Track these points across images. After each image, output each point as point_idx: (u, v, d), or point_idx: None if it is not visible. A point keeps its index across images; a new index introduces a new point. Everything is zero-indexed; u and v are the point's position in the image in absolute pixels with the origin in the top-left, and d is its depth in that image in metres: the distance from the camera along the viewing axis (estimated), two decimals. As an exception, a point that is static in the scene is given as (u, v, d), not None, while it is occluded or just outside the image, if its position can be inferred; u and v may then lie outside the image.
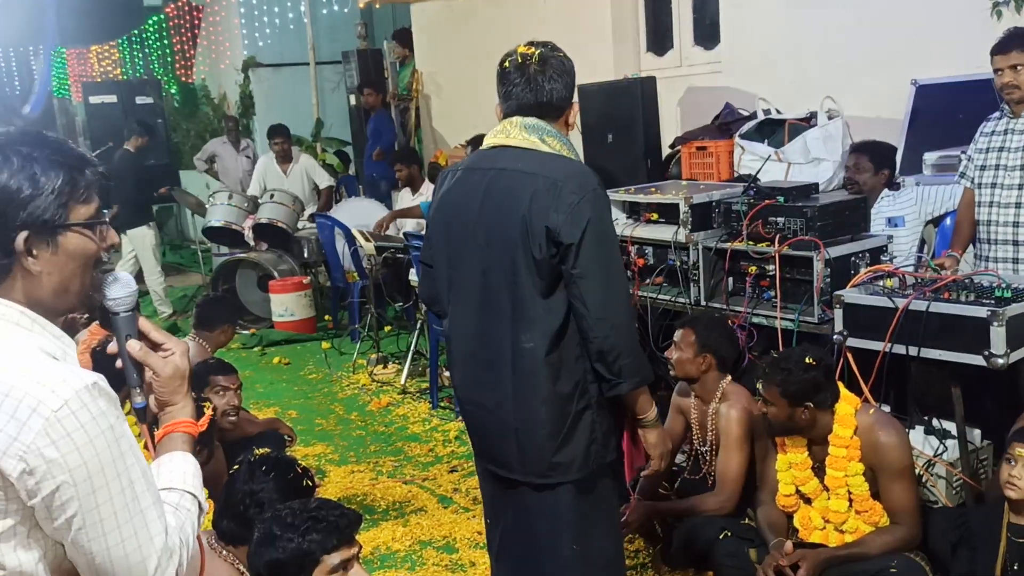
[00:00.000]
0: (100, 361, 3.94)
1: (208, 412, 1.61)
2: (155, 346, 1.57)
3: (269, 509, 2.33)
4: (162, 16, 14.50)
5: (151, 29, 15.12)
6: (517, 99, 2.41)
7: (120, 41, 16.67)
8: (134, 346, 1.55)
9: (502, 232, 2.37)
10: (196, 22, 13.96)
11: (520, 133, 2.40)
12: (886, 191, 4.31)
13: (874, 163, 4.30)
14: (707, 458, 3.47)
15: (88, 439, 1.33)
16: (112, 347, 1.55)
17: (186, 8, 13.90)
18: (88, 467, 1.33)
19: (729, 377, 3.45)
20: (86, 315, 5.83)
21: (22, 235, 1.40)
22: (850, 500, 3.02)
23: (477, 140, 6.77)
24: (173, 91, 14.98)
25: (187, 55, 14.20)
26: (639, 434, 2.47)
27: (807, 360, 2.97)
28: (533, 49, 2.41)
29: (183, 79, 14.48)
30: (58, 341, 1.46)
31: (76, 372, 1.38)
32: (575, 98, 2.47)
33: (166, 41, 14.67)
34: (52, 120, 22.16)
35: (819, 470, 3.09)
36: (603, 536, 2.51)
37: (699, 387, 3.46)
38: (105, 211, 1.53)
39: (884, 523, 3.00)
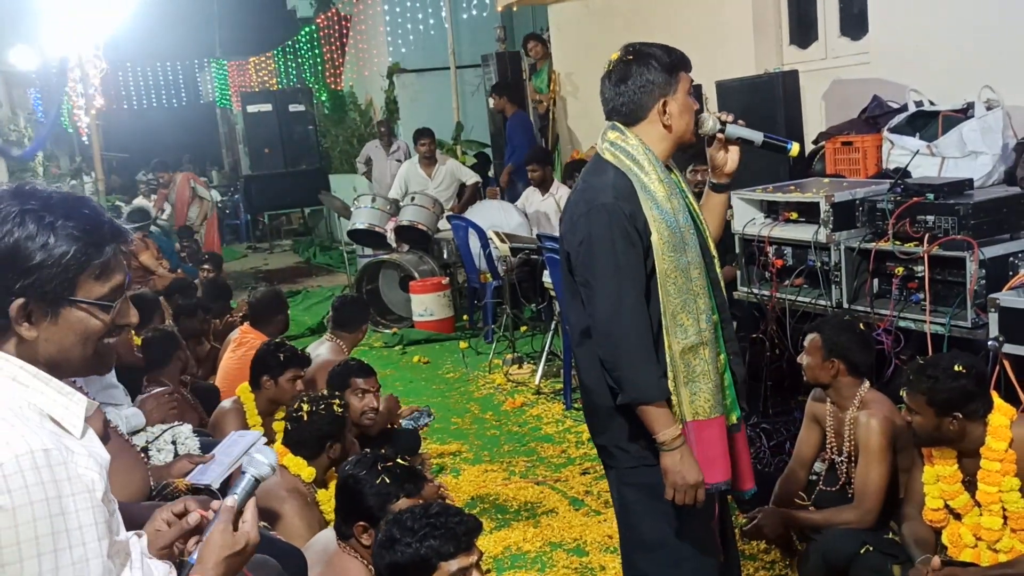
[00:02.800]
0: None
1: None
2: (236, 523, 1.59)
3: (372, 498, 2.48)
4: (314, 27, 15.10)
5: (303, 39, 15.78)
6: (603, 107, 2.54)
7: (275, 52, 17.48)
8: (228, 501, 1.59)
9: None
10: (345, 31, 14.46)
11: (600, 139, 2.54)
12: None
13: None
14: (843, 468, 3.31)
15: (12, 507, 1.28)
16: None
17: (335, 18, 14.43)
18: (2, 536, 1.27)
19: (867, 384, 3.27)
20: (241, 315, 6.14)
21: (18, 302, 1.38)
22: (1004, 517, 2.82)
23: None
24: (323, 98, 15.58)
25: (336, 63, 14.74)
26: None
27: (956, 367, 2.78)
28: (618, 54, 2.49)
29: (332, 86, 15.04)
30: (63, 398, 1.43)
31: (27, 437, 1.32)
32: (668, 91, 2.43)
33: (317, 51, 15.27)
34: (215, 129, 23.52)
35: (970, 484, 2.89)
36: (660, 529, 2.50)
37: (833, 393, 3.30)
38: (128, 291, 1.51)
39: (1043, 544, 2.78)
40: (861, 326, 3.40)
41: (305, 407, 3.39)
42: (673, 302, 2.38)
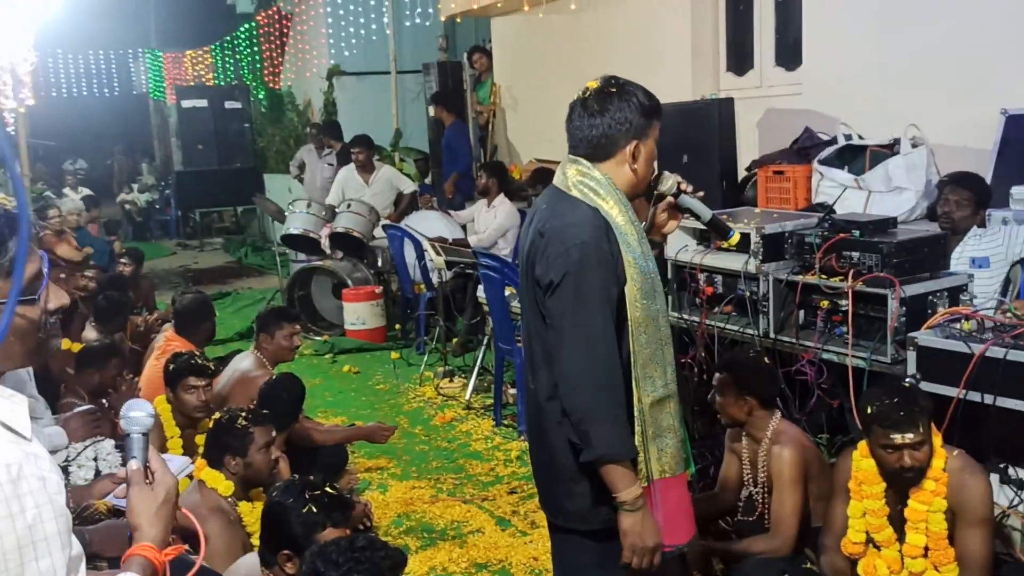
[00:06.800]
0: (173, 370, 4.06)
1: (177, 547, 1.64)
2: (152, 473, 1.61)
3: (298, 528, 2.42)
4: (253, 23, 14.88)
5: (242, 36, 15.54)
6: (568, 136, 2.39)
7: (213, 46, 17.18)
8: (131, 465, 1.59)
9: (522, 273, 2.42)
10: (285, 30, 14.30)
11: (559, 173, 2.39)
12: (975, 229, 4.14)
13: (977, 201, 4.13)
14: (759, 498, 3.39)
15: None
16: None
17: (276, 16, 14.25)
18: None
19: (779, 414, 3.37)
20: (161, 322, 6.02)
21: None
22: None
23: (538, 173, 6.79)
24: (260, 97, 15.36)
25: (275, 62, 14.55)
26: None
27: (907, 385, 2.86)
28: (597, 84, 2.35)
29: (270, 85, 14.84)
30: (7, 401, 1.40)
31: None
32: (643, 135, 2.34)
33: (256, 48, 15.05)
34: (147, 121, 22.99)
35: (892, 518, 2.97)
36: None
37: (748, 427, 3.38)
38: (45, 271, 1.45)
39: (951, 570, 2.87)
40: (765, 359, 3.49)
41: (216, 415, 3.41)
42: (644, 352, 2.27)
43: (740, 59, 6.60)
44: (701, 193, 2.56)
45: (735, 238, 2.58)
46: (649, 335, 2.28)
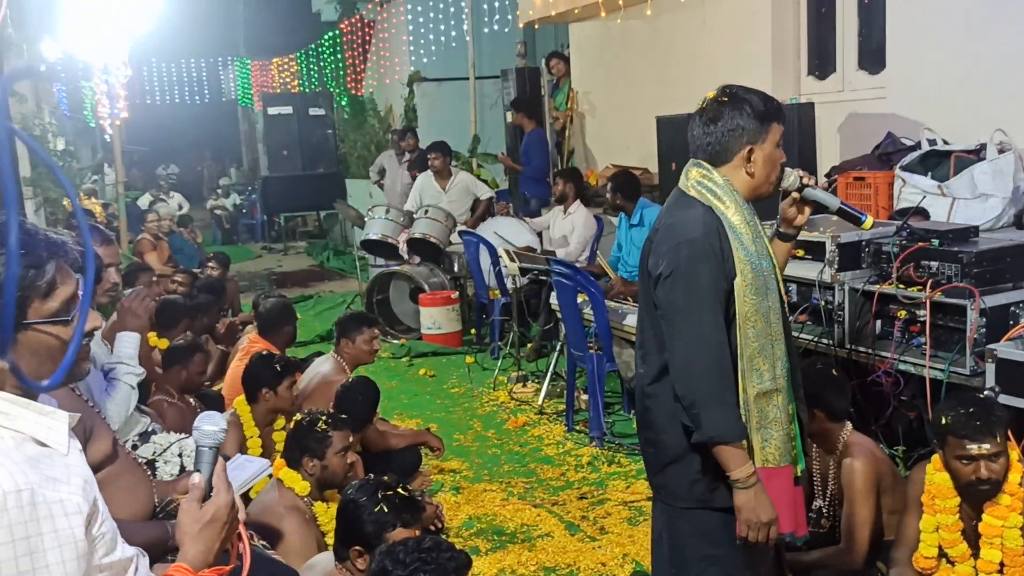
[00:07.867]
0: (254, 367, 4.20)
1: (218, 569, 1.65)
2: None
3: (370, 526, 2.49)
4: (337, 31, 15.21)
5: (326, 43, 15.90)
6: (689, 144, 2.53)
7: (298, 54, 17.62)
8: (194, 478, 1.64)
9: (641, 265, 2.62)
10: (367, 37, 14.58)
11: (683, 176, 2.53)
12: None
13: None
14: (829, 512, 3.34)
15: None
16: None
17: (359, 24, 14.54)
18: None
19: (850, 426, 3.31)
20: (245, 323, 6.22)
21: None
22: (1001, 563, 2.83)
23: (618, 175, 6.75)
24: (343, 103, 15.68)
25: (358, 69, 14.85)
26: None
27: (983, 396, 2.82)
28: (713, 93, 2.47)
29: (353, 92, 15.14)
30: (45, 418, 1.44)
31: (14, 474, 1.34)
32: (758, 139, 2.41)
33: (339, 55, 15.39)
34: (236, 127, 23.68)
35: (967, 533, 2.91)
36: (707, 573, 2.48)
37: (818, 439, 3.33)
38: (82, 294, 1.48)
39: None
40: (834, 371, 3.41)
41: (297, 416, 3.52)
42: (751, 346, 2.36)
43: (822, 63, 6.50)
44: (825, 184, 2.58)
45: (868, 223, 2.64)
46: (758, 330, 2.37)
